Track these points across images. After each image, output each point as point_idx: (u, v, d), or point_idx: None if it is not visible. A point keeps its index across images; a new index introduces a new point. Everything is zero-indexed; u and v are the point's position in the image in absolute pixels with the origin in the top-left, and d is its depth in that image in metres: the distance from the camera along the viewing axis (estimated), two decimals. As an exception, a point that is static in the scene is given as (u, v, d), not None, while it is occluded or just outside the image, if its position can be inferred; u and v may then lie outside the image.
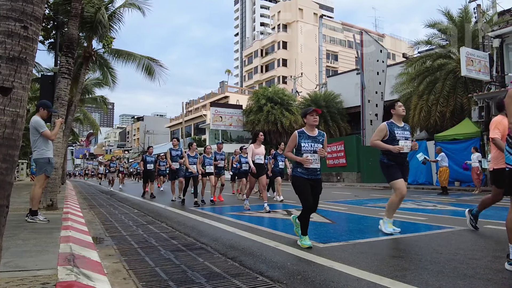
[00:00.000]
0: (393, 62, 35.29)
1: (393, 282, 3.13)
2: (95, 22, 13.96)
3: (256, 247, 4.59)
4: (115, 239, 5.36)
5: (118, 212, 8.99)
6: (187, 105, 59.38)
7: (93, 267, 3.46)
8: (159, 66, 16.69)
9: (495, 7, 18.58)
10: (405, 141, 5.24)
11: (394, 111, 5.45)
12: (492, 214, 7.70)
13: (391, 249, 4.45)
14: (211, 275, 3.46)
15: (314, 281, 3.21)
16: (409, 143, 5.27)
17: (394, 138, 5.23)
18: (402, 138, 5.23)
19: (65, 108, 8.80)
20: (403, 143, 5.20)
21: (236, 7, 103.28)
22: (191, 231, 5.86)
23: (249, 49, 68.77)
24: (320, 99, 31.87)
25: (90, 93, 25.92)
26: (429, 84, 20.06)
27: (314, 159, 4.59)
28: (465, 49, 16.13)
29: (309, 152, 4.59)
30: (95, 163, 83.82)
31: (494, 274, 3.32)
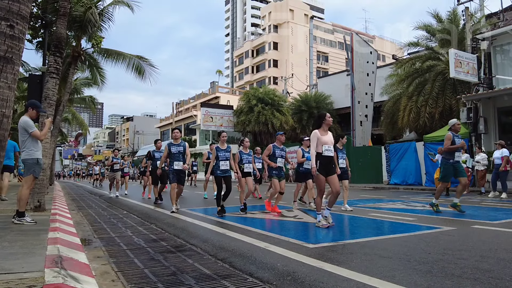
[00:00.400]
0: (383, 64, 35.57)
1: (382, 282, 3.15)
2: (84, 21, 13.82)
3: (246, 248, 4.58)
4: (103, 240, 5.31)
5: (107, 213, 8.90)
6: (177, 105, 59.17)
7: (81, 269, 3.42)
8: (149, 66, 16.58)
9: (483, 10, 18.83)
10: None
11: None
12: (479, 214, 7.80)
13: (380, 249, 4.47)
14: (200, 276, 3.45)
15: (303, 282, 3.21)
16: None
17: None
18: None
19: (53, 108, 8.70)
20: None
21: (227, 7, 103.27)
22: (180, 233, 5.83)
23: (240, 49, 68.82)
24: (310, 100, 32.01)
25: (79, 93, 25.65)
26: (418, 85, 20.25)
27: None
28: (454, 51, 16.31)
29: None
30: (84, 163, 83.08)
31: (482, 273, 3.36)
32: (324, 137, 6.14)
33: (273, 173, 8.33)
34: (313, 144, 6.09)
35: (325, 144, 6.08)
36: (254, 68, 64.55)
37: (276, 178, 8.28)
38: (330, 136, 6.30)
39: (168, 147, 8.68)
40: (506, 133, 17.00)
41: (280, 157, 8.38)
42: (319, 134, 6.13)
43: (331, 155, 6.08)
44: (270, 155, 8.35)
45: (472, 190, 14.49)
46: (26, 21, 2.28)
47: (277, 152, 8.36)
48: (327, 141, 6.14)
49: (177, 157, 8.59)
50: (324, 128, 6.26)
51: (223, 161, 7.88)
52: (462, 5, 18.36)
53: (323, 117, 6.33)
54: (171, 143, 8.77)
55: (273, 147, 8.38)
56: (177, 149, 8.65)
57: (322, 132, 6.21)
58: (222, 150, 7.98)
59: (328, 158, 6.03)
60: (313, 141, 6.11)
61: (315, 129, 6.25)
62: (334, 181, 6.07)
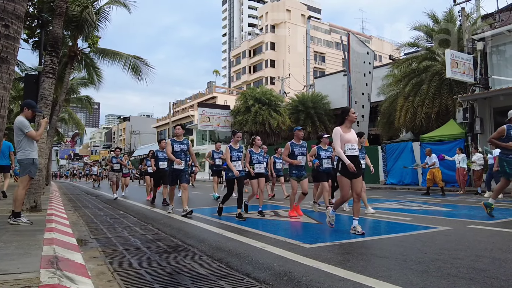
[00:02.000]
0: (379, 64, 35.65)
1: (378, 282, 3.15)
2: (80, 21, 13.78)
3: (243, 248, 4.58)
4: (100, 241, 5.29)
5: (104, 213, 8.88)
6: (174, 105, 59.10)
7: (77, 270, 3.41)
8: (146, 66, 16.55)
9: (479, 10, 18.91)
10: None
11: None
12: (475, 214, 7.83)
13: (376, 249, 4.48)
14: (197, 277, 3.44)
15: (300, 282, 3.21)
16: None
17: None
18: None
19: (50, 108, 8.67)
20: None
21: (224, 7, 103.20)
22: (177, 233, 5.82)
23: (237, 49, 68.81)
24: (307, 100, 32.03)
25: (75, 92, 25.59)
26: (415, 85, 20.30)
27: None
28: (450, 51, 16.37)
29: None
30: (80, 163, 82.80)
31: (477, 273, 3.37)
32: (347, 135, 5.60)
33: (292, 173, 7.57)
34: (338, 142, 5.55)
35: (348, 143, 5.54)
36: (251, 68, 64.55)
37: (295, 178, 7.55)
38: (354, 133, 5.77)
39: (171, 142, 8.12)
40: (502, 133, 17.05)
41: (300, 154, 7.58)
42: (341, 131, 5.58)
43: (355, 154, 5.54)
44: (289, 154, 7.61)
45: (468, 190, 14.55)
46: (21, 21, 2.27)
47: (296, 150, 7.58)
48: (351, 139, 5.60)
49: (179, 156, 7.98)
50: (347, 125, 5.69)
51: (235, 161, 7.45)
52: (459, 5, 18.44)
53: (346, 112, 5.73)
54: (174, 140, 8.16)
55: (291, 145, 7.61)
56: (180, 147, 8.07)
57: (345, 129, 5.66)
58: (235, 150, 7.54)
59: (352, 158, 5.47)
60: (337, 138, 5.57)
61: (337, 126, 5.70)
62: (357, 184, 5.54)
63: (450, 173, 15.95)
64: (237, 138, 7.71)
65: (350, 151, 5.52)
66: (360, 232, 5.29)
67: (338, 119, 5.84)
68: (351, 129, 5.75)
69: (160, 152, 11.17)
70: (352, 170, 5.32)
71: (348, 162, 5.34)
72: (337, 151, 5.53)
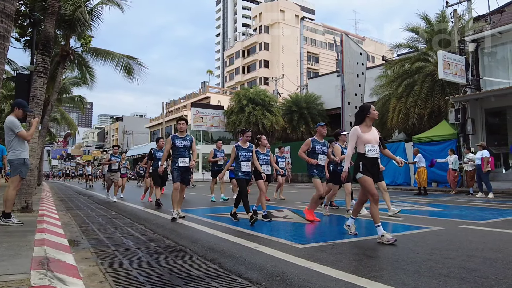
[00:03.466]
0: (372, 65, 35.81)
1: (370, 282, 3.17)
2: (73, 20, 13.68)
3: (236, 248, 4.57)
4: (92, 241, 5.26)
5: (96, 214, 8.82)
6: (167, 105, 58.92)
7: (68, 271, 3.39)
8: (139, 65, 16.48)
9: (471, 12, 19.06)
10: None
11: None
12: (467, 214, 7.89)
13: (368, 249, 4.50)
14: (190, 277, 3.43)
15: (292, 282, 3.21)
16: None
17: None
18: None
19: (41, 107, 8.60)
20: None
21: (218, 7, 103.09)
22: (170, 233, 5.80)
23: (231, 49, 68.77)
24: (301, 100, 32.10)
25: (67, 92, 25.41)
26: (407, 86, 20.42)
27: None
28: (442, 52, 16.49)
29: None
30: (72, 163, 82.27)
31: (468, 273, 3.40)
32: (366, 135, 5.07)
33: (313, 172, 6.85)
34: (351, 143, 5.15)
35: (368, 143, 5.04)
36: (245, 68, 64.55)
37: (318, 177, 6.82)
38: (375, 132, 5.23)
39: (172, 140, 7.40)
40: (493, 134, 17.24)
41: (321, 153, 6.91)
42: (359, 131, 5.08)
43: (376, 156, 5.07)
44: (309, 151, 6.94)
45: (460, 190, 14.67)
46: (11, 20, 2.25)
47: (318, 148, 6.90)
48: (371, 139, 5.07)
49: (182, 153, 7.33)
50: (368, 123, 5.16)
51: (244, 161, 6.95)
52: (451, 7, 18.59)
53: (367, 109, 5.18)
54: (176, 136, 7.49)
55: (312, 142, 6.94)
56: (183, 143, 7.37)
57: (365, 129, 5.14)
58: (243, 149, 7.03)
59: (372, 160, 5.05)
60: (352, 139, 5.11)
61: (356, 125, 5.17)
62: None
63: (442, 173, 16.09)
64: (246, 137, 7.14)
65: (371, 153, 5.03)
66: (391, 240, 4.77)
67: (357, 117, 5.27)
68: (372, 127, 5.22)
69: (158, 151, 10.82)
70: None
71: (347, 168, 5.20)
72: (347, 153, 5.24)
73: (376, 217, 4.96)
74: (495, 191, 13.01)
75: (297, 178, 27.46)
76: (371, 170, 5.01)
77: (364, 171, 4.98)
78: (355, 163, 5.14)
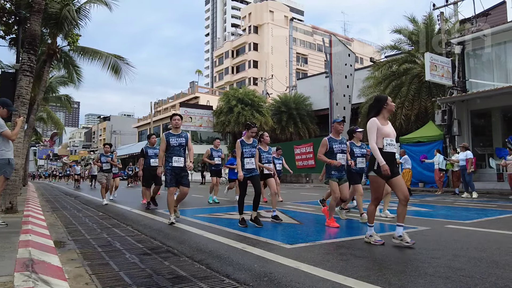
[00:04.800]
0: (360, 66, 36.09)
1: (357, 282, 3.19)
2: (60, 19, 13.50)
3: (224, 249, 4.56)
4: (78, 243, 5.20)
5: (82, 215, 8.73)
6: (155, 105, 58.52)
7: (53, 273, 3.34)
8: (126, 65, 16.35)
9: (457, 15, 19.35)
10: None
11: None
12: (453, 214, 7.99)
13: (356, 249, 4.53)
14: (177, 278, 3.41)
15: (280, 283, 3.22)
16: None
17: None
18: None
19: (27, 107, 8.47)
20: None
21: (207, 7, 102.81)
22: (157, 234, 5.76)
23: (220, 49, 68.68)
24: (290, 101, 32.20)
25: (54, 91, 25.05)
26: (395, 88, 20.63)
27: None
28: (429, 54, 16.69)
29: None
30: (59, 163, 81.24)
31: (453, 272, 3.44)
32: (385, 128, 4.71)
33: (331, 174, 6.28)
34: (373, 136, 4.67)
35: (387, 137, 4.68)
36: (234, 69, 64.51)
37: (335, 180, 6.27)
38: (391, 126, 4.88)
39: (166, 138, 6.76)
40: (478, 135, 17.51)
41: (340, 152, 6.37)
42: (379, 123, 4.70)
43: (393, 151, 4.71)
44: (327, 152, 6.38)
45: (447, 191, 14.86)
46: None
47: (336, 147, 6.38)
48: (389, 132, 4.73)
49: (177, 152, 6.72)
50: (385, 116, 4.82)
51: (248, 158, 6.45)
52: (438, 10, 18.85)
53: (383, 100, 4.84)
54: (170, 133, 6.85)
55: (329, 141, 6.40)
56: (178, 140, 6.77)
57: (382, 121, 4.77)
58: (248, 145, 6.50)
59: (390, 155, 4.67)
60: (372, 131, 4.68)
61: (373, 117, 4.80)
62: (400, 184, 4.67)
63: (429, 174, 16.28)
64: (251, 133, 6.59)
65: (389, 147, 4.67)
66: (410, 243, 4.45)
67: (373, 109, 4.89)
68: (388, 121, 4.88)
69: (150, 148, 10.10)
70: (386, 173, 4.51)
71: (383, 162, 4.51)
72: (372, 147, 4.65)
73: (371, 217, 4.85)
74: (480, 191, 13.22)
75: (285, 178, 27.51)
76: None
77: (379, 170, 4.59)
78: (371, 158, 4.78)
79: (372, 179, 4.73)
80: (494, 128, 17.13)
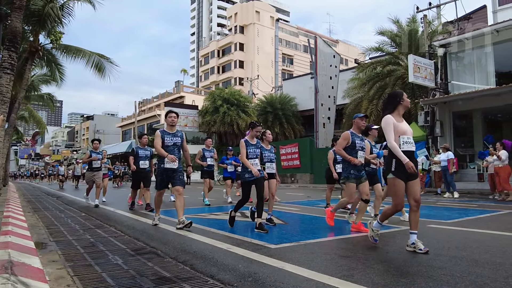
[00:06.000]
0: (345, 67, 36.39)
1: (341, 281, 3.21)
2: (43, 16, 13.28)
3: (208, 250, 4.55)
4: (60, 244, 5.11)
5: (65, 215, 8.59)
6: (140, 104, 57.98)
7: (33, 275, 3.28)
8: (110, 63, 16.17)
9: (440, 18, 19.67)
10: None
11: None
12: (435, 214, 8.12)
13: (340, 248, 4.56)
14: (160, 279, 3.39)
15: (264, 283, 3.22)
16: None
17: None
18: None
19: (7, 105, 8.32)
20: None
21: (193, 7, 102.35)
22: (140, 235, 5.71)
23: (206, 49, 68.41)
24: (275, 101, 32.27)
25: (36, 90, 24.63)
26: (379, 89, 20.86)
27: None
28: (413, 56, 16.92)
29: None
30: (41, 163, 79.81)
31: (435, 271, 3.50)
32: (401, 125, 4.45)
33: (350, 174, 5.73)
34: (391, 134, 4.38)
35: (403, 135, 4.40)
36: (220, 68, 64.36)
37: (353, 181, 5.72)
38: (406, 123, 4.62)
39: (161, 136, 6.29)
40: (460, 136, 17.84)
41: (361, 149, 5.83)
42: (394, 120, 4.44)
43: (412, 149, 4.39)
44: (347, 147, 5.77)
45: (429, 191, 15.09)
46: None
47: (358, 143, 5.81)
48: (406, 130, 4.46)
49: (171, 152, 6.22)
50: (400, 112, 4.56)
51: (253, 159, 6.06)
52: (421, 12, 19.14)
53: (399, 96, 4.57)
54: (165, 131, 6.37)
55: (351, 135, 5.81)
56: (173, 140, 6.29)
57: (398, 118, 4.51)
58: (252, 146, 6.09)
59: (409, 154, 4.33)
60: (389, 129, 4.39)
61: (388, 114, 4.53)
62: (415, 188, 4.37)
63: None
64: (255, 132, 6.21)
65: (407, 146, 4.36)
66: (423, 250, 4.18)
67: (388, 105, 4.63)
68: (402, 118, 4.61)
69: (141, 149, 9.59)
70: (411, 171, 4.21)
71: (406, 160, 4.20)
72: (391, 145, 4.35)
73: (385, 217, 4.55)
74: (462, 191, 13.47)
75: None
76: (405, 171, 4.26)
77: (396, 171, 4.29)
78: (387, 159, 4.49)
79: (391, 182, 4.38)
80: (475, 129, 17.47)
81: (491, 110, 16.76)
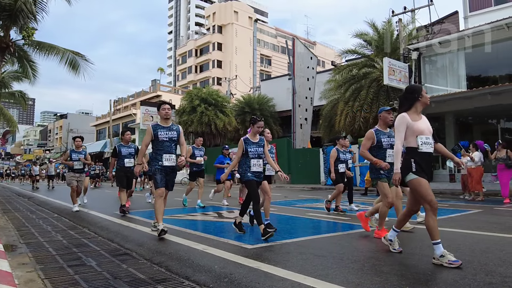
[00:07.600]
0: (322, 69, 36.79)
1: (316, 281, 3.24)
2: (14, 11, 12.85)
3: (184, 251, 4.51)
4: (30, 246, 4.97)
5: (36, 216, 8.36)
6: (115, 103, 56.99)
7: (1, 278, 3.18)
8: (85, 61, 15.80)
9: (414, 22, 20.17)
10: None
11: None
12: (408, 213, 8.26)
13: (315, 248, 4.61)
14: (135, 281, 3.34)
15: (240, 283, 3.22)
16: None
17: None
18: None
19: (-25, 103, 8.01)
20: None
21: (171, 5, 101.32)
22: (115, 237, 5.61)
23: (183, 48, 67.82)
24: (253, 102, 32.34)
25: (7, 87, 23.81)
26: (354, 91, 21.17)
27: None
28: (388, 59, 17.26)
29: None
30: (12, 163, 77.37)
31: (407, 270, 3.58)
32: (418, 123, 3.93)
33: (380, 174, 5.18)
34: (400, 135, 3.94)
35: (421, 135, 3.90)
36: (198, 68, 63.92)
37: (385, 180, 5.18)
38: (427, 121, 4.07)
39: (153, 131, 5.55)
40: (433, 138, 18.28)
41: (389, 147, 5.26)
42: (409, 119, 3.93)
43: (431, 150, 3.93)
44: (374, 147, 5.28)
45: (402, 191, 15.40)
46: None
47: (384, 140, 5.29)
48: (424, 129, 3.94)
49: (168, 148, 5.58)
50: (418, 110, 4.04)
51: (254, 159, 5.50)
52: (396, 16, 19.54)
53: (418, 91, 4.05)
54: (158, 125, 5.65)
55: (376, 134, 5.32)
56: (168, 134, 5.59)
57: (415, 116, 3.98)
58: (254, 144, 5.55)
59: (427, 156, 3.91)
60: (400, 130, 3.94)
61: (403, 111, 4.04)
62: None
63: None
64: (257, 128, 5.61)
65: (425, 146, 3.89)
66: (454, 264, 3.59)
67: (405, 101, 4.10)
68: (421, 115, 4.10)
69: (124, 147, 8.83)
70: (395, 183, 3.97)
71: (397, 171, 3.93)
72: (396, 149, 3.97)
73: (434, 231, 3.76)
74: (434, 191, 13.75)
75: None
76: (426, 169, 3.88)
77: (418, 171, 3.84)
78: (405, 161, 3.99)
79: (413, 183, 3.88)
80: (448, 131, 17.95)
81: (463, 112, 17.25)
